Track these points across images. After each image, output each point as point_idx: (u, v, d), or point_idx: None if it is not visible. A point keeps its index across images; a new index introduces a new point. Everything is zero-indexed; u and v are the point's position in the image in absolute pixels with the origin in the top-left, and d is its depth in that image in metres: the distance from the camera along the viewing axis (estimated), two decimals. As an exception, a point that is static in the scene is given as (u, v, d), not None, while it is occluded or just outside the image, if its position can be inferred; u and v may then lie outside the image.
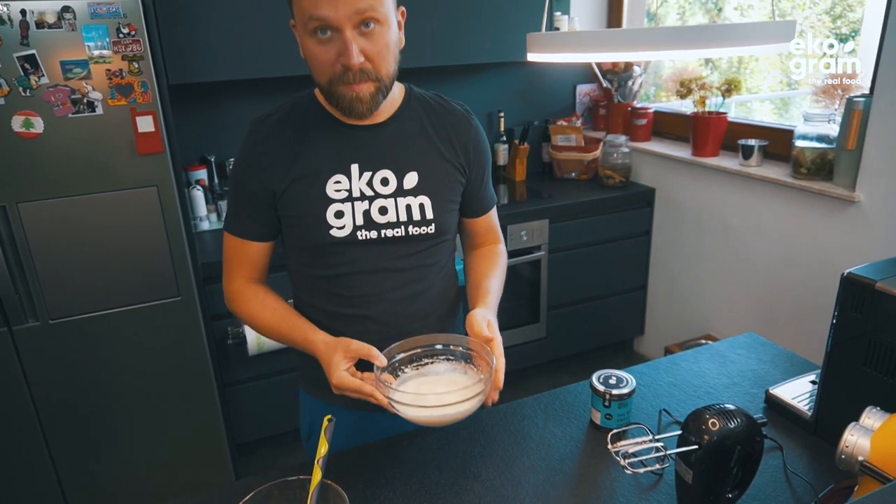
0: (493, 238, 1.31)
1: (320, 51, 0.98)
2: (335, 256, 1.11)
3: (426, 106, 1.17)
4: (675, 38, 0.64)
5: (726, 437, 0.91)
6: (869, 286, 1.00)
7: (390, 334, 1.12)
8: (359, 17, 0.94)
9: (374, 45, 0.98)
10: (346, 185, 1.08)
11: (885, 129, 1.92)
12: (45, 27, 1.71)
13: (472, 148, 1.18)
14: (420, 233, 1.12)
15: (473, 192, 1.22)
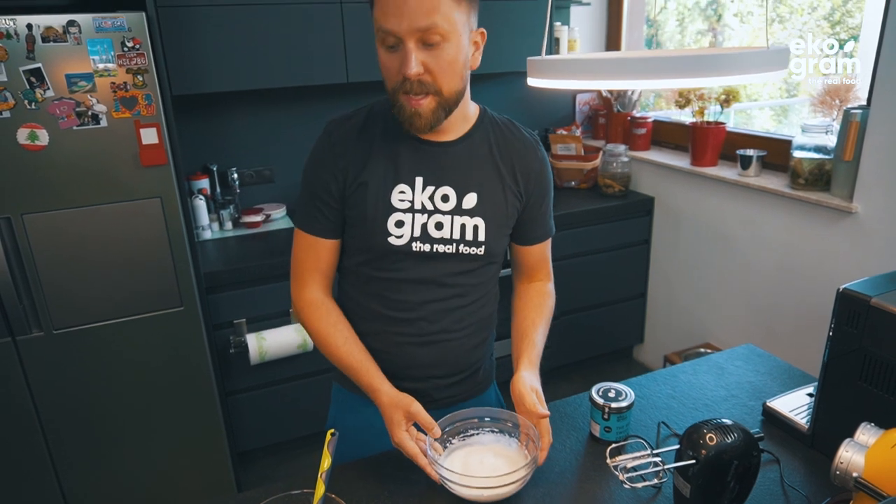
0: (543, 273, 1.32)
1: (387, 59, 1.02)
2: (388, 262, 1.14)
3: (497, 130, 1.18)
4: (674, 67, 0.66)
5: (723, 452, 0.93)
6: (864, 302, 1.01)
7: (428, 340, 1.19)
8: (420, 32, 0.97)
9: (435, 60, 1.00)
10: (409, 195, 1.12)
11: (881, 140, 1.94)
12: (50, 41, 1.73)
13: (534, 177, 1.19)
14: (470, 253, 1.15)
15: (528, 221, 1.23)
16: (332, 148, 1.13)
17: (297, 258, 1.19)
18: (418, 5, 0.95)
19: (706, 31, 3.28)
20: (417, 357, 1.20)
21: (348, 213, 1.14)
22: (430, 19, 0.96)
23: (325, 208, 1.14)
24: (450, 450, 1.12)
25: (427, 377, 1.22)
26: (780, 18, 2.91)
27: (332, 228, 1.16)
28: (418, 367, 1.21)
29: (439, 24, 0.96)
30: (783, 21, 2.87)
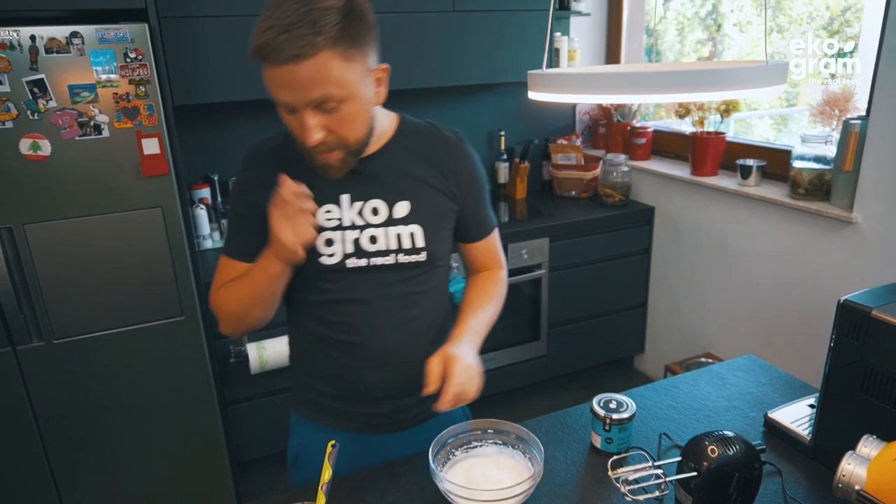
0: (493, 264, 1.31)
1: (288, 119, 0.99)
2: (325, 283, 1.12)
3: (418, 134, 1.17)
4: (674, 82, 0.67)
5: (725, 465, 0.93)
6: (865, 313, 1.01)
7: (381, 360, 1.16)
8: (314, 103, 0.94)
9: (336, 122, 0.97)
10: (336, 213, 1.10)
11: (881, 150, 1.95)
12: (53, 52, 1.74)
13: (464, 175, 1.18)
14: (411, 261, 1.13)
15: (468, 218, 1.22)
16: (251, 171, 1.12)
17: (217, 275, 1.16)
18: (308, 80, 0.91)
19: (706, 41, 3.30)
20: (375, 380, 1.17)
21: None
22: (323, 90, 0.93)
23: (249, 232, 1.12)
24: (452, 462, 1.12)
25: (389, 399, 1.19)
26: (780, 28, 2.93)
27: (252, 253, 1.11)
28: (377, 389, 1.18)
29: (333, 93, 0.93)
30: (782, 31, 2.89)
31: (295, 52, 0.88)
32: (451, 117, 3.09)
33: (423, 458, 1.17)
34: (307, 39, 0.88)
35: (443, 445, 1.12)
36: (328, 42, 0.89)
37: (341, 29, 0.90)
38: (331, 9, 0.90)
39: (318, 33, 0.88)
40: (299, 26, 0.88)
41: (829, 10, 2.68)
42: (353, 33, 0.93)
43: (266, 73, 0.93)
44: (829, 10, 2.68)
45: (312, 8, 0.89)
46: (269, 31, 0.88)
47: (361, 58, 0.96)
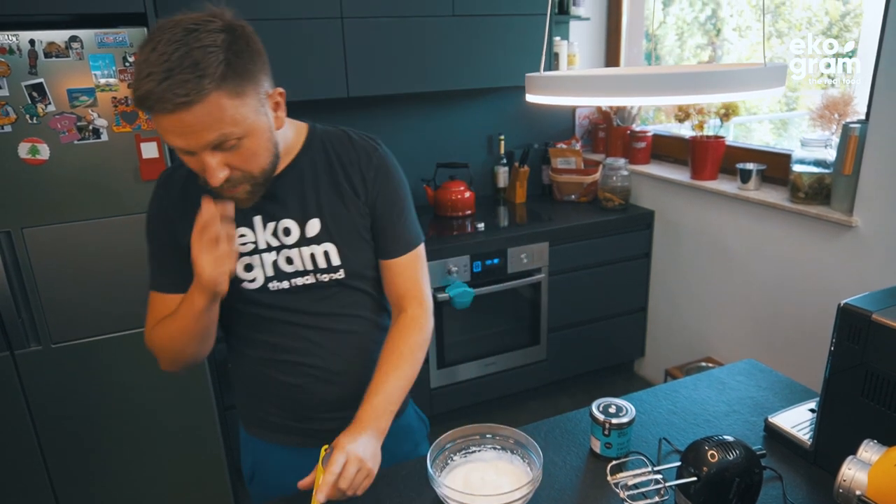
0: (411, 295, 1.16)
1: (186, 159, 0.94)
2: (252, 307, 1.10)
3: (327, 145, 1.12)
4: (672, 84, 0.66)
5: (725, 470, 0.92)
6: (865, 317, 1.01)
7: (322, 376, 1.14)
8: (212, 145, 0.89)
9: (238, 158, 0.93)
10: (251, 237, 1.07)
11: (880, 154, 1.94)
12: (52, 56, 1.74)
13: (372, 183, 1.11)
14: (330, 279, 1.10)
15: (381, 231, 1.14)
16: (162, 201, 1.09)
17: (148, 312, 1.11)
18: (200, 125, 0.86)
19: (705, 46, 3.30)
20: (319, 395, 1.15)
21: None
22: (218, 132, 0.88)
23: (167, 262, 1.09)
24: (451, 467, 1.11)
25: (336, 413, 1.16)
26: (779, 33, 2.93)
27: (177, 283, 1.08)
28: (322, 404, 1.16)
29: (229, 132, 0.89)
30: (782, 36, 2.89)
31: (180, 101, 0.82)
32: (451, 121, 3.09)
33: (421, 463, 1.17)
34: (192, 84, 0.82)
35: (441, 450, 1.11)
36: (215, 83, 0.84)
37: (226, 66, 0.85)
38: (211, 46, 0.84)
39: (202, 76, 0.83)
40: (180, 71, 0.82)
41: (828, 14, 2.69)
42: (239, 68, 0.87)
43: (154, 121, 0.87)
44: (829, 15, 2.69)
45: (191, 49, 0.83)
46: (149, 80, 0.82)
47: (253, 90, 0.92)
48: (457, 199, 2.87)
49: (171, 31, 0.84)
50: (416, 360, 1.15)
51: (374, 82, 2.53)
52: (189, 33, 0.84)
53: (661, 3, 3.26)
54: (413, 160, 3.01)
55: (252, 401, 1.21)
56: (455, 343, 2.72)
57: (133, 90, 0.85)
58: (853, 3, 2.53)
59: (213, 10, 0.90)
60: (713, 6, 3.21)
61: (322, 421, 1.17)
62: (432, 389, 2.73)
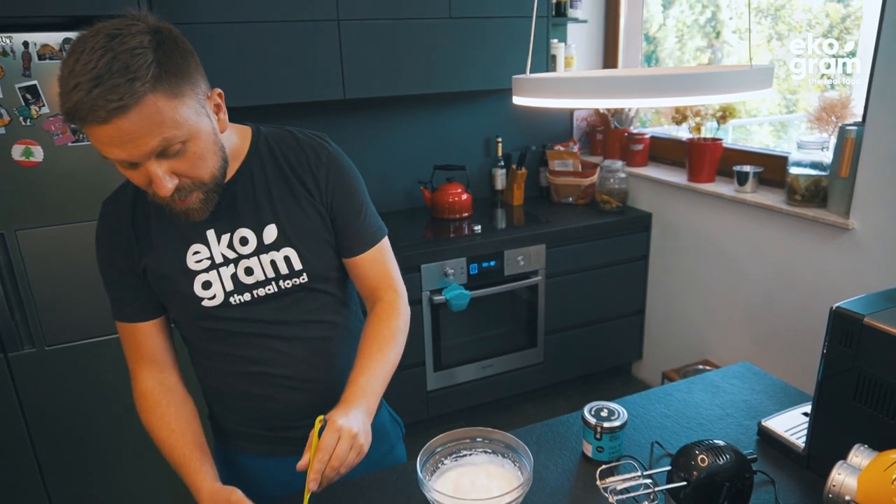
0: (384, 286, 1.16)
1: (131, 175, 0.90)
2: (214, 322, 1.07)
3: (274, 147, 1.09)
4: (657, 86, 0.66)
5: (715, 474, 0.91)
6: (858, 321, 1.00)
7: (290, 385, 1.12)
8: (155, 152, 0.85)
9: (185, 164, 0.89)
10: (206, 253, 1.04)
11: (877, 157, 1.94)
12: (46, 58, 1.74)
13: (324, 182, 1.08)
14: (293, 284, 1.07)
15: (343, 229, 1.11)
16: (109, 228, 1.06)
17: (125, 350, 1.11)
18: (138, 131, 0.81)
19: (705, 48, 3.30)
20: (288, 404, 1.13)
21: (154, 289, 1.07)
22: (160, 137, 0.83)
23: (126, 291, 1.07)
24: (441, 471, 1.11)
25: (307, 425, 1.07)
26: (779, 36, 2.93)
27: (141, 311, 1.08)
28: (293, 413, 1.14)
29: (172, 136, 0.85)
30: (782, 38, 2.89)
31: (114, 107, 0.78)
32: (448, 124, 3.08)
33: (412, 467, 1.16)
34: (124, 89, 0.78)
35: (431, 454, 1.10)
36: (148, 84, 0.80)
37: (158, 66, 0.82)
38: (139, 48, 0.80)
39: (133, 79, 0.79)
40: (110, 77, 0.78)
41: (828, 17, 2.68)
42: (172, 68, 0.84)
43: (89, 134, 0.83)
44: (829, 18, 2.68)
45: (118, 53, 0.79)
46: (77, 90, 0.78)
47: (191, 90, 0.88)
48: (454, 202, 2.86)
49: (92, 40, 0.80)
50: (398, 343, 1.12)
51: (370, 84, 2.53)
52: (112, 38, 0.80)
53: (661, 5, 3.26)
54: (410, 162, 3.01)
55: (221, 412, 1.18)
56: (451, 346, 2.72)
57: (61, 104, 0.81)
58: (854, 5, 2.53)
59: (134, 13, 0.86)
60: (713, 8, 3.20)
61: (293, 429, 1.15)
62: (429, 392, 2.72)
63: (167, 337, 1.13)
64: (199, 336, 1.11)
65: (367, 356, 1.08)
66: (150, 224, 1.04)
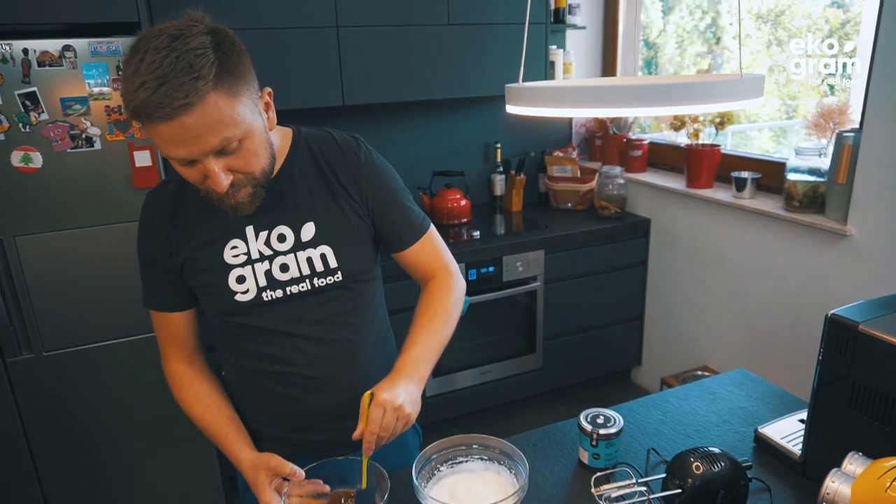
0: (435, 268, 1.21)
1: (185, 171, 0.94)
2: (246, 318, 1.09)
3: (314, 147, 1.13)
4: (646, 96, 0.66)
5: (710, 481, 0.91)
6: (852, 328, 1.00)
7: (316, 386, 1.13)
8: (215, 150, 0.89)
9: (240, 161, 0.94)
10: (243, 248, 1.07)
11: (874, 163, 1.94)
12: (46, 65, 1.75)
13: (364, 182, 1.12)
14: (327, 283, 1.10)
15: (387, 227, 1.15)
16: (151, 221, 1.09)
17: (156, 333, 1.17)
18: (201, 129, 0.85)
19: (705, 54, 3.31)
20: (312, 406, 1.14)
21: (188, 282, 1.10)
22: (220, 136, 0.88)
23: (161, 282, 1.11)
24: (437, 477, 1.11)
25: (331, 422, 1.16)
26: (779, 41, 2.93)
27: (175, 301, 1.12)
28: (317, 415, 1.15)
29: (231, 134, 0.89)
30: (782, 44, 2.89)
31: (180, 104, 0.82)
32: (447, 130, 3.09)
33: (407, 474, 1.16)
34: (189, 87, 0.82)
35: (427, 461, 1.10)
36: (211, 84, 0.84)
37: (219, 66, 0.85)
38: (200, 48, 0.84)
39: (197, 77, 0.82)
40: (174, 76, 0.81)
41: (828, 23, 2.69)
42: (231, 67, 0.88)
43: (152, 132, 0.86)
44: (829, 24, 2.69)
45: (181, 53, 0.83)
46: (144, 88, 0.81)
47: (246, 89, 0.92)
48: (453, 207, 2.87)
49: (155, 40, 0.84)
50: (451, 318, 1.16)
51: (369, 91, 2.54)
52: (175, 39, 0.84)
53: (661, 11, 3.27)
54: (409, 168, 3.01)
55: (248, 412, 1.19)
56: (450, 351, 2.70)
57: (126, 102, 0.84)
58: (853, 11, 2.54)
59: (192, 15, 0.89)
60: (713, 14, 3.21)
61: (315, 432, 1.17)
62: (427, 398, 2.72)
63: (195, 327, 1.17)
64: (229, 333, 1.14)
65: (420, 327, 1.12)
66: (191, 219, 1.07)
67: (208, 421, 1.12)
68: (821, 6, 2.67)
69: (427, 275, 1.21)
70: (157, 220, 1.08)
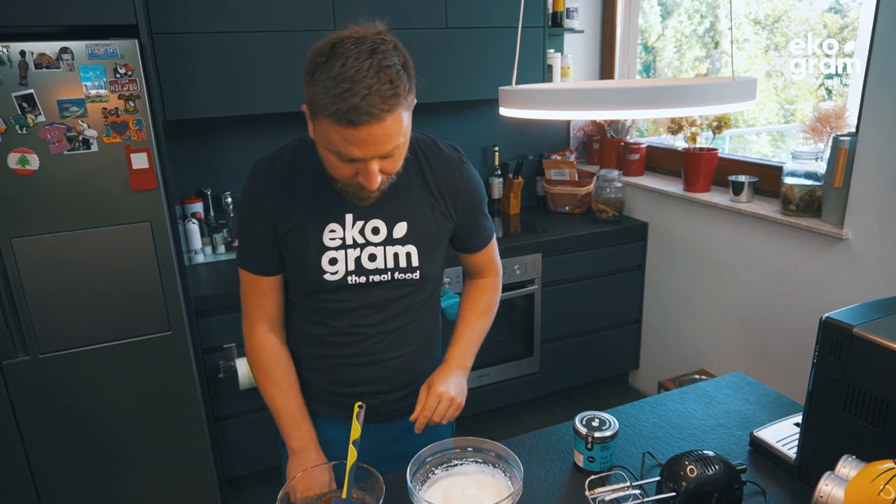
0: (489, 269, 1.37)
1: (340, 166, 1.01)
2: (326, 294, 1.18)
3: (419, 151, 1.19)
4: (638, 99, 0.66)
5: (704, 484, 0.91)
6: (847, 331, 1.00)
7: (369, 361, 1.24)
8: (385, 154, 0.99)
9: (391, 162, 1.02)
10: (340, 233, 1.15)
11: (870, 167, 1.94)
12: (43, 67, 1.75)
13: (462, 195, 1.22)
14: (405, 278, 1.19)
15: (465, 233, 1.28)
16: (259, 191, 1.15)
17: (244, 296, 1.24)
18: (385, 136, 0.95)
19: (703, 58, 3.32)
20: (362, 376, 1.25)
21: (284, 252, 1.17)
22: (394, 143, 0.98)
23: (259, 248, 1.17)
24: (432, 480, 1.10)
25: (373, 393, 1.26)
26: (776, 46, 2.94)
27: (270, 266, 1.19)
28: (363, 384, 1.25)
29: (400, 143, 0.99)
30: (779, 49, 2.90)
31: (379, 113, 0.91)
32: (446, 133, 3.09)
33: (402, 477, 1.16)
34: (391, 101, 0.92)
35: (422, 464, 1.10)
36: (402, 99, 0.94)
37: (407, 84, 0.96)
38: (395, 66, 0.93)
39: (396, 94, 0.92)
40: (379, 87, 0.90)
41: (826, 28, 2.70)
42: (411, 84, 0.98)
43: (335, 131, 0.94)
44: (827, 28, 2.70)
45: (382, 68, 0.92)
46: (350, 94, 0.89)
47: (409, 95, 0.98)
48: (450, 211, 2.86)
49: (356, 49, 0.92)
50: (492, 314, 1.35)
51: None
52: (373, 53, 0.92)
53: (660, 15, 3.28)
54: (407, 171, 3.01)
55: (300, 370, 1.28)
56: (448, 354, 2.71)
57: (323, 100, 0.91)
58: (851, 16, 2.54)
59: (377, 27, 0.98)
60: (711, 19, 3.22)
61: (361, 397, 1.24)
62: (425, 401, 2.71)
63: (282, 296, 1.24)
64: (306, 304, 1.22)
65: (466, 323, 1.31)
66: (298, 196, 1.14)
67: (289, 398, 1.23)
68: (818, 11, 2.68)
69: (480, 272, 1.37)
70: (266, 190, 1.14)
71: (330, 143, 0.97)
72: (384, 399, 1.27)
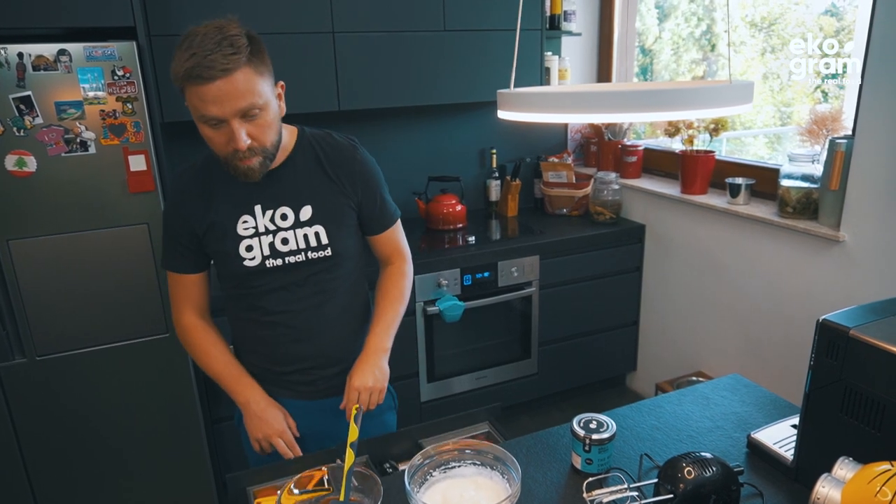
0: (396, 253, 1.49)
1: (213, 134, 1.16)
2: (250, 280, 1.32)
3: (316, 145, 1.34)
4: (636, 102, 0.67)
5: (702, 486, 0.91)
6: (843, 333, 1.00)
7: (299, 336, 1.37)
8: (241, 112, 1.12)
9: (257, 128, 1.16)
10: (252, 223, 1.29)
11: (866, 170, 1.95)
12: (41, 69, 1.75)
13: (359, 178, 1.35)
14: (319, 256, 1.32)
15: (367, 215, 1.40)
16: (177, 196, 1.31)
17: (172, 293, 1.38)
18: (235, 93, 1.09)
19: (700, 61, 3.33)
20: (295, 352, 1.38)
21: (207, 249, 1.32)
22: (248, 100, 1.12)
23: (181, 248, 1.32)
24: (430, 482, 1.11)
25: (308, 369, 1.40)
26: (773, 48, 2.95)
27: (191, 265, 1.34)
28: (299, 360, 1.39)
29: (255, 101, 1.13)
30: (776, 52, 2.91)
31: (223, 68, 1.07)
32: (443, 135, 3.10)
33: (400, 479, 1.16)
34: (232, 57, 1.08)
35: (420, 466, 1.10)
36: (245, 59, 1.10)
37: (251, 49, 1.12)
38: (238, 35, 1.11)
39: (237, 52, 1.09)
40: (219, 49, 1.07)
41: (822, 31, 2.71)
42: (258, 53, 1.14)
43: (194, 94, 1.10)
44: (823, 31, 2.71)
45: (225, 36, 1.09)
46: (195, 57, 1.06)
47: (268, 73, 1.18)
48: (448, 213, 2.87)
49: (203, 28, 1.10)
50: (405, 298, 1.46)
51: (364, 96, 2.54)
52: (219, 29, 1.10)
53: (657, 18, 3.29)
54: (404, 173, 3.01)
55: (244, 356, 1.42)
56: (445, 356, 2.71)
57: (178, 68, 1.08)
58: (847, 19, 2.55)
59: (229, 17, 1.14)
60: (708, 22, 3.23)
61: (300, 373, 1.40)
62: (422, 403, 2.72)
63: (207, 289, 1.39)
64: (235, 292, 1.36)
65: (382, 309, 1.42)
66: (214, 195, 1.29)
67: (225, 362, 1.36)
68: (815, 14, 2.69)
69: (388, 257, 1.49)
70: (182, 195, 1.30)
71: (195, 109, 1.12)
72: (321, 374, 1.40)
